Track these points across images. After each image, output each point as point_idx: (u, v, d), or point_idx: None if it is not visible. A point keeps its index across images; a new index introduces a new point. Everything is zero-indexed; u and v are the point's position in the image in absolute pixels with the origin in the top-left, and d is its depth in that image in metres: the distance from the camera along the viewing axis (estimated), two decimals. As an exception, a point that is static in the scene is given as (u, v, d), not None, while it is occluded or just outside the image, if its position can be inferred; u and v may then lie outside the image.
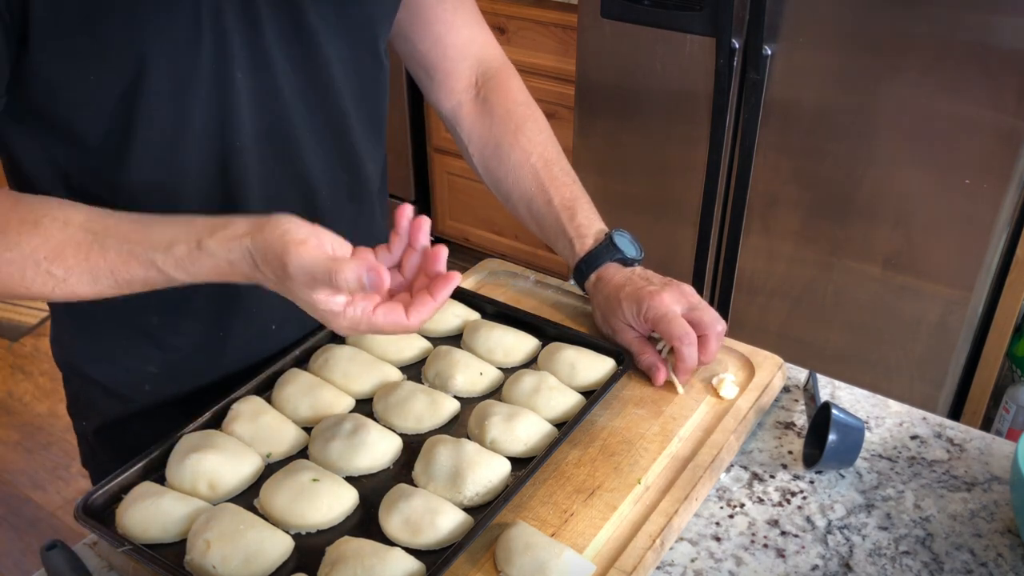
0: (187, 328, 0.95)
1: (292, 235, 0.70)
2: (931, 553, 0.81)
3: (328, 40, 0.89)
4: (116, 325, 0.95)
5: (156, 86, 0.79)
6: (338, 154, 0.97)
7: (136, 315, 0.93)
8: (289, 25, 0.85)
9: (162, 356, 0.96)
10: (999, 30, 1.54)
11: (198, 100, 0.82)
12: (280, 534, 0.77)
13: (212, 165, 0.86)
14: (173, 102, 0.80)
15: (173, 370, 0.97)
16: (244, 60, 0.83)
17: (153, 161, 0.83)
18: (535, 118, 1.09)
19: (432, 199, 3.04)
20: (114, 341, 0.96)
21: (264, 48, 0.84)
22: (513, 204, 1.08)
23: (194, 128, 0.83)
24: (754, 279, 2.02)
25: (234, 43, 0.82)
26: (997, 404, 1.99)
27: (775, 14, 1.74)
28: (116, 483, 0.81)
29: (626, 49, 1.96)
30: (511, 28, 2.53)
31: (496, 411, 0.88)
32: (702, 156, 1.94)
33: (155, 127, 0.81)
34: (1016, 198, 1.67)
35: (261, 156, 0.89)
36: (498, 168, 1.08)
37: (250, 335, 0.98)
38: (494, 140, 1.07)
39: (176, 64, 0.79)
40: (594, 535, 0.79)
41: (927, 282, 1.78)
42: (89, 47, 0.75)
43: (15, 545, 2.22)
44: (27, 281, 0.75)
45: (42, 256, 0.74)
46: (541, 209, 1.05)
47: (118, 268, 0.75)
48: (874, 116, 1.71)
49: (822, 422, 0.89)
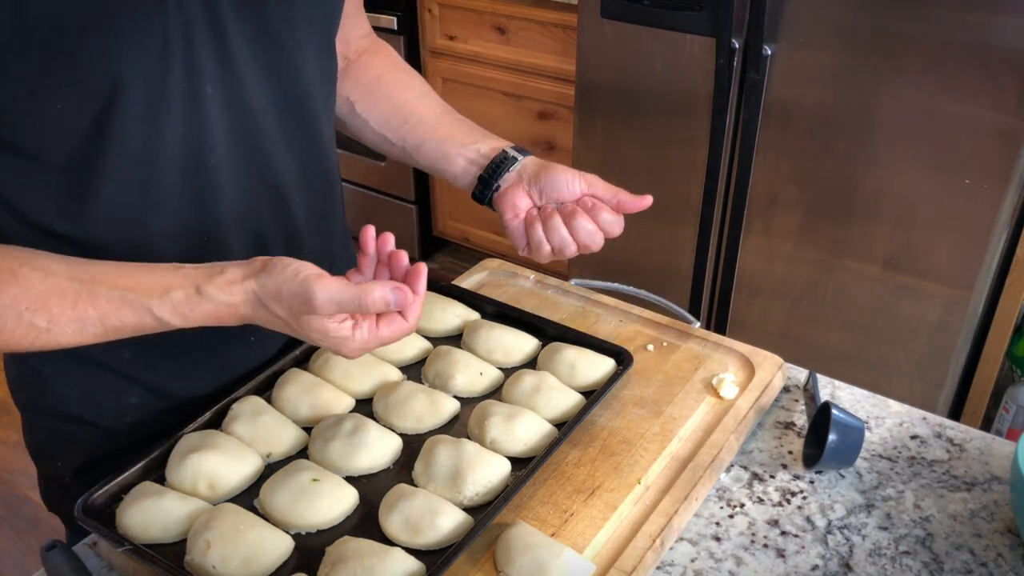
0: (162, 367, 0.94)
1: (307, 271, 0.73)
2: (931, 553, 0.81)
3: (295, 46, 0.88)
4: (88, 362, 0.92)
5: (130, 108, 0.77)
6: (308, 158, 0.96)
7: (108, 351, 0.89)
8: (256, 35, 0.84)
9: (140, 389, 0.94)
10: (999, 30, 1.54)
11: (171, 118, 0.80)
12: (280, 534, 0.77)
13: (184, 182, 0.84)
14: (146, 122, 0.78)
15: (152, 404, 0.95)
16: (214, 74, 0.82)
17: (122, 183, 0.81)
18: (405, 68, 1.09)
19: (432, 199, 3.04)
20: (90, 376, 0.93)
21: (232, 59, 0.83)
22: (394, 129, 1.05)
23: (166, 146, 0.81)
24: (754, 279, 2.02)
25: (203, 57, 0.80)
26: (997, 404, 1.99)
27: (775, 14, 1.74)
28: (116, 483, 0.81)
29: (626, 49, 1.96)
30: (511, 28, 2.53)
31: (496, 411, 0.88)
32: (702, 156, 1.94)
33: (126, 148, 0.78)
34: (1016, 198, 1.67)
35: (234, 168, 0.87)
36: (367, 97, 1.06)
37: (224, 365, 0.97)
38: (372, 77, 1.07)
39: (149, 84, 0.77)
40: (594, 535, 0.79)
41: (927, 282, 1.78)
42: (57, 72, 0.72)
43: (15, 545, 2.22)
44: (7, 333, 0.73)
45: (23, 307, 0.72)
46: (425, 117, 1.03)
47: (108, 315, 0.74)
48: (874, 116, 1.71)
49: (822, 422, 0.89)
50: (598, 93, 2.07)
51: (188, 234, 0.86)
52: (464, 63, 2.68)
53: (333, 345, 0.75)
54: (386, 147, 1.06)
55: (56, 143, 0.77)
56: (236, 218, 0.89)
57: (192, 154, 0.84)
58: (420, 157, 1.03)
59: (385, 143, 1.05)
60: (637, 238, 2.15)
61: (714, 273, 2.07)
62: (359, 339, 0.75)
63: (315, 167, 0.97)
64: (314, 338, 0.75)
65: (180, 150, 0.82)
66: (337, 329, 0.74)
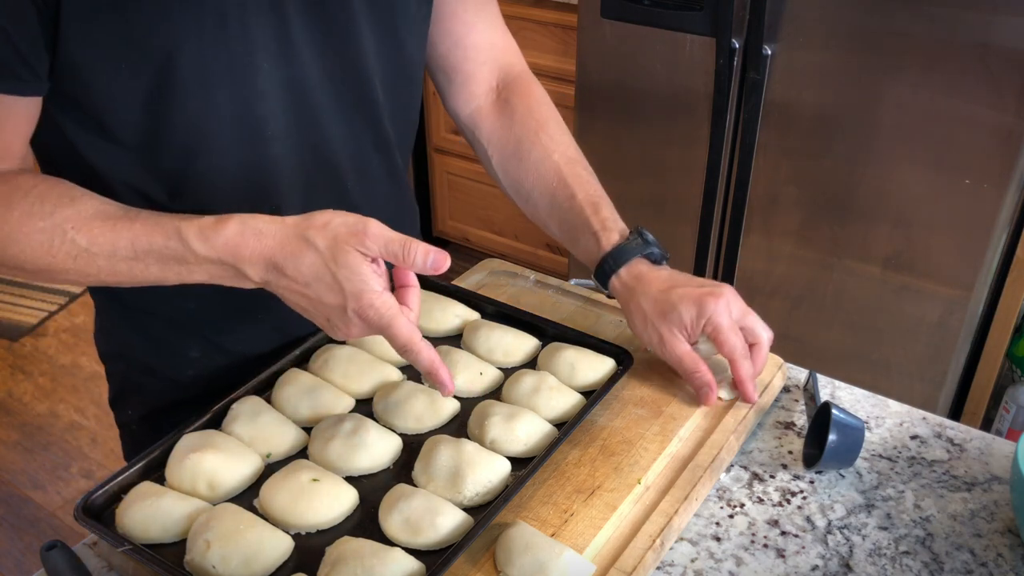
0: (222, 324, 0.98)
1: (362, 216, 0.75)
2: (931, 553, 0.81)
3: (359, 30, 0.90)
4: (153, 313, 0.97)
5: (184, 76, 0.80)
6: (369, 139, 0.97)
7: (172, 304, 0.96)
8: (317, 16, 0.86)
9: (202, 343, 0.99)
10: (999, 30, 1.54)
11: (225, 90, 0.83)
12: (280, 534, 0.77)
13: (243, 155, 0.87)
14: (201, 92, 0.82)
15: (214, 355, 1.00)
16: (270, 50, 0.84)
17: (184, 153, 0.85)
18: (557, 120, 1.07)
19: (432, 199, 3.04)
20: (154, 327, 0.98)
21: (291, 38, 0.85)
22: (534, 202, 1.03)
23: (222, 118, 0.84)
24: (754, 279, 2.02)
25: (260, 34, 0.83)
26: (997, 404, 1.99)
27: (775, 14, 1.73)
28: (116, 483, 0.81)
29: (626, 49, 1.96)
30: (511, 28, 2.51)
31: (496, 411, 0.88)
32: (702, 156, 1.94)
33: (183, 117, 0.82)
34: (1016, 198, 1.67)
35: (292, 144, 0.90)
36: (518, 167, 1.04)
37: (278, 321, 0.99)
38: (515, 138, 1.05)
39: (203, 54, 0.80)
40: (594, 535, 0.79)
41: (927, 282, 1.78)
42: (117, 35, 0.76)
43: (15, 545, 2.22)
44: (53, 249, 0.78)
45: (70, 226, 0.78)
46: (563, 204, 1.00)
47: (139, 237, 0.77)
48: (874, 116, 1.71)
49: (822, 422, 0.89)
50: (598, 93, 2.06)
51: (244, 205, 0.86)
52: (464, 63, 2.68)
53: (358, 290, 0.74)
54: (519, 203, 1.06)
55: (121, 107, 0.81)
56: (293, 190, 0.91)
57: (247, 127, 0.86)
58: (550, 226, 1.03)
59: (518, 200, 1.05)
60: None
61: (714, 273, 2.07)
62: (382, 299, 0.74)
63: (375, 147, 0.98)
64: (343, 276, 0.73)
65: (234, 123, 0.85)
66: (370, 275, 0.74)
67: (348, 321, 0.76)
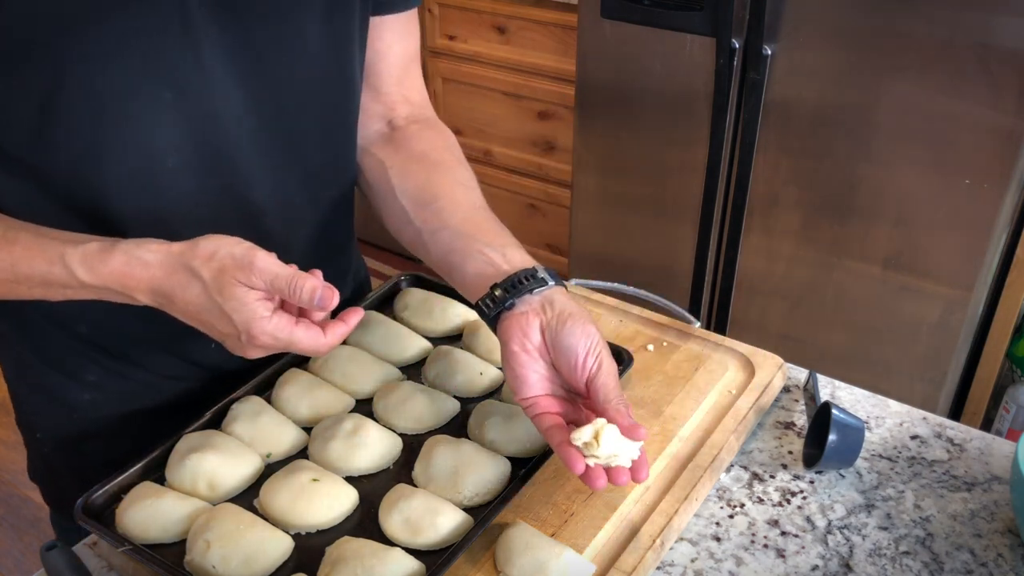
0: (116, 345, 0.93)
1: (251, 245, 0.73)
2: (931, 553, 0.81)
3: (278, 59, 0.83)
4: (52, 327, 0.91)
5: (72, 105, 0.74)
6: (297, 177, 0.91)
7: (69, 321, 0.90)
8: (244, 41, 0.80)
9: (98, 367, 0.93)
10: (999, 30, 1.54)
11: (116, 120, 0.77)
12: (280, 534, 0.77)
13: (143, 191, 0.81)
14: (90, 120, 0.76)
15: (109, 382, 0.94)
16: (176, 79, 0.78)
17: (74, 181, 0.79)
18: (467, 168, 0.97)
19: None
20: (54, 344, 0.92)
21: (202, 65, 0.79)
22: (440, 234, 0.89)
23: (112, 148, 0.78)
24: (754, 279, 2.02)
25: (165, 61, 0.77)
26: (997, 404, 1.99)
27: (775, 14, 1.73)
28: (116, 483, 0.81)
29: (626, 49, 1.96)
30: (511, 28, 2.53)
31: (496, 411, 0.88)
32: (702, 156, 1.94)
33: (71, 149, 0.77)
34: (1016, 198, 1.67)
35: (195, 176, 0.83)
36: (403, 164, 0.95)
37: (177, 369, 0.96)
38: (425, 168, 0.94)
39: (94, 80, 0.74)
40: (594, 535, 0.79)
41: (927, 282, 1.78)
42: (8, 56, 0.71)
43: (15, 545, 2.22)
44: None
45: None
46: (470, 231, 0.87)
47: (20, 262, 0.74)
48: (874, 116, 1.71)
49: (822, 422, 0.89)
50: (598, 93, 2.06)
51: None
52: (464, 63, 2.68)
53: (245, 320, 0.72)
54: (402, 224, 0.93)
55: (11, 130, 0.75)
56: (199, 227, 0.79)
57: (144, 161, 0.80)
58: (433, 245, 0.88)
59: (402, 219, 0.92)
60: (637, 238, 2.16)
61: (714, 273, 2.07)
62: (275, 323, 0.72)
63: (300, 185, 0.92)
64: (230, 308, 0.71)
65: (129, 155, 0.79)
66: (257, 304, 0.72)
67: (244, 347, 0.74)
